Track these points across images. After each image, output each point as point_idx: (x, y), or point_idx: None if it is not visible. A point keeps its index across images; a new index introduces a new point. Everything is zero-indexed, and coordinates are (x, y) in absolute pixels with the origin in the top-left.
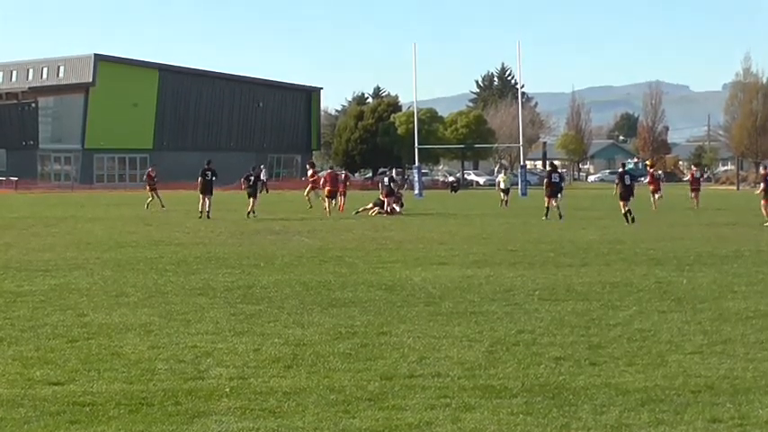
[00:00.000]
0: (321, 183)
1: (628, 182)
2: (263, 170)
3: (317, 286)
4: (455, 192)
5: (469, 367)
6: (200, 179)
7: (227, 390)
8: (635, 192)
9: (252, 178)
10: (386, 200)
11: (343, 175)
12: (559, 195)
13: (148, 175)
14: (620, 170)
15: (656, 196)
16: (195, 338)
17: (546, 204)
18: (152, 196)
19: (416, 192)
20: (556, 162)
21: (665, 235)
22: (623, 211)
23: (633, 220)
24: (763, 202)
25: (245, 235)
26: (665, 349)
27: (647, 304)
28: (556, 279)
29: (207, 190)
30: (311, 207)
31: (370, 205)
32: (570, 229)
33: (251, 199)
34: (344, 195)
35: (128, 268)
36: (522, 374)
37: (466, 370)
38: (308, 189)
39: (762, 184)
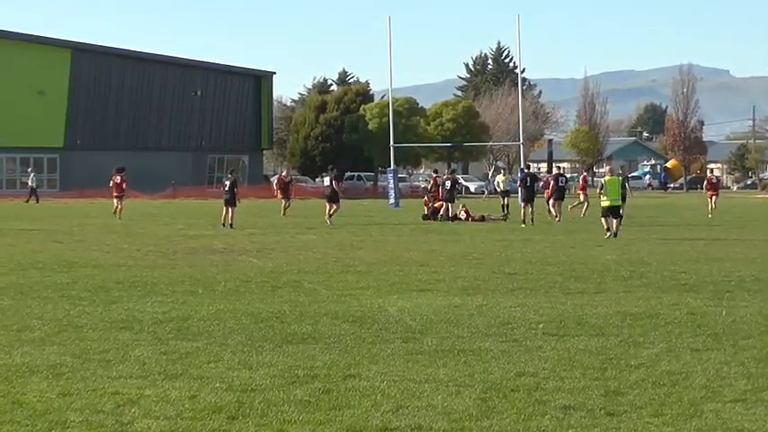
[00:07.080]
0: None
1: (528, 184)
2: (33, 174)
3: (268, 318)
4: None
5: (457, 418)
6: None
7: None
8: (534, 197)
9: (228, 183)
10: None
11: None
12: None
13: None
14: (525, 171)
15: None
16: (116, 383)
17: (548, 209)
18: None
19: (391, 201)
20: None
21: (699, 255)
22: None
23: (533, 222)
24: None
25: (178, 255)
26: (699, 396)
27: (677, 340)
28: (564, 309)
29: None
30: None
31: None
32: (583, 248)
33: (227, 207)
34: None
35: (32, 296)
36: (522, 427)
37: (453, 422)
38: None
39: None
